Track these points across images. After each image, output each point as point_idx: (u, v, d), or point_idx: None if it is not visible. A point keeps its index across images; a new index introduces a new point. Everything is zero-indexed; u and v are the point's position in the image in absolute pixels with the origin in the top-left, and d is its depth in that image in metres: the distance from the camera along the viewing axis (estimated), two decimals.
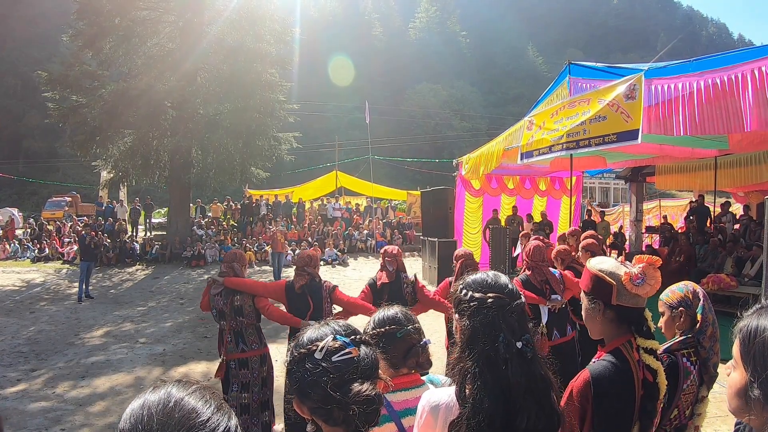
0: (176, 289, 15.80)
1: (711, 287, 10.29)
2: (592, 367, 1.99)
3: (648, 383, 1.97)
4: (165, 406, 0.98)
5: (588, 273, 2.13)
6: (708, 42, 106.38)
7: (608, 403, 1.90)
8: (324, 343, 1.39)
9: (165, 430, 0.94)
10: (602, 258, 2.18)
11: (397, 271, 5.47)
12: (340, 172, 31.94)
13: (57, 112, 19.68)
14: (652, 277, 1.97)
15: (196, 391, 1.03)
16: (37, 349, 9.51)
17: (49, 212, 30.67)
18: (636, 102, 8.05)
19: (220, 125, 20.61)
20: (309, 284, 4.98)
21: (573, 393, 1.94)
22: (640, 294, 1.97)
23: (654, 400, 2.00)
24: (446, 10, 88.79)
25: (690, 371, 2.68)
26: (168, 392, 1.01)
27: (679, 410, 2.66)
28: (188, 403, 0.99)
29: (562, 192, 17.22)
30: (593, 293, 2.09)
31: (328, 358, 1.37)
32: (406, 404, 2.09)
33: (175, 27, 21.22)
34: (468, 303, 1.72)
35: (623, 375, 1.94)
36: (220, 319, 5.08)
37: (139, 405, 0.99)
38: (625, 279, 1.97)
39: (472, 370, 1.63)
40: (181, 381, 1.05)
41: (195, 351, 9.21)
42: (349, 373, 1.36)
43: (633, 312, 2.02)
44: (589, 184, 32.27)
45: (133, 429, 0.96)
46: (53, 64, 23.55)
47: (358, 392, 1.32)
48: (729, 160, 13.69)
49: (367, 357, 1.41)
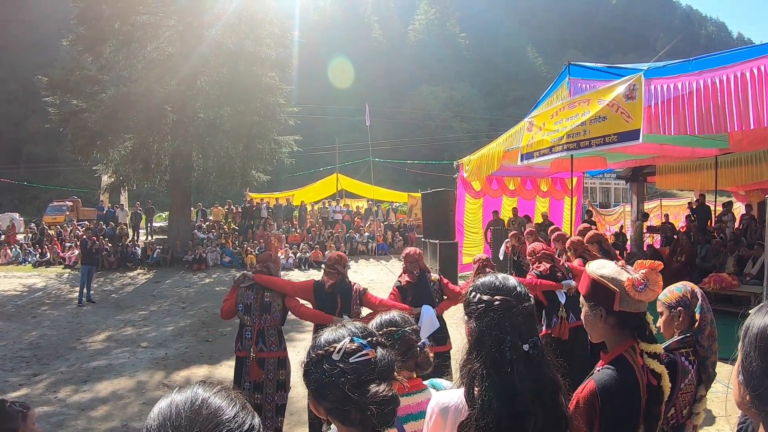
0: (178, 293, 15.79)
1: (713, 287, 10.26)
2: (598, 377, 1.96)
3: (652, 387, 1.96)
4: (192, 404, 1.01)
5: (588, 278, 2.10)
6: (707, 41, 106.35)
7: (615, 411, 1.88)
8: (341, 345, 1.40)
9: (193, 426, 0.97)
10: (602, 262, 2.14)
11: (421, 271, 5.57)
12: (340, 174, 32.00)
13: (57, 116, 19.71)
14: (654, 282, 1.96)
15: (221, 390, 1.07)
16: (39, 353, 9.51)
17: (50, 217, 30.69)
18: (636, 102, 8.05)
19: (220, 129, 20.65)
20: (339, 284, 4.99)
21: (580, 403, 1.92)
22: (643, 300, 1.96)
23: (658, 404, 2.00)
24: (445, 12, 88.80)
25: (688, 370, 2.69)
26: (195, 392, 1.05)
27: (676, 409, 2.66)
28: (214, 401, 1.03)
29: (563, 193, 17.23)
30: (594, 299, 2.06)
31: (345, 360, 1.38)
32: (407, 409, 2.11)
33: (174, 31, 21.25)
34: (476, 305, 1.73)
35: (629, 382, 1.92)
36: (246, 313, 5.05)
37: (166, 404, 1.03)
38: (628, 285, 1.95)
39: (480, 372, 1.64)
40: (205, 382, 1.09)
41: (197, 355, 9.21)
42: (367, 374, 1.37)
43: (635, 317, 2.00)
44: (590, 185, 32.25)
45: (161, 426, 0.99)
46: (54, 69, 23.56)
47: (375, 393, 1.34)
48: (729, 159, 13.67)
49: (383, 358, 1.43)
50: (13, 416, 2.44)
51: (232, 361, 8.59)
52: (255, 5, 21.26)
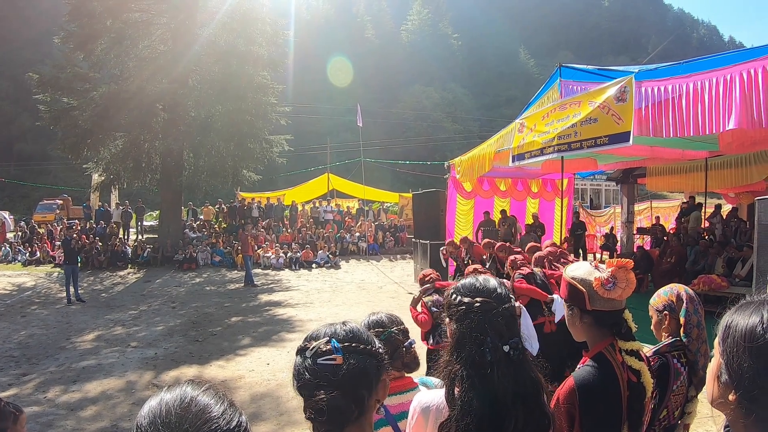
0: (168, 293, 15.74)
1: (702, 288, 10.33)
2: (577, 374, 1.99)
3: (633, 384, 1.98)
4: (182, 401, 1.02)
5: (564, 281, 2.16)
6: (699, 44, 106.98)
7: (595, 407, 1.90)
8: (317, 344, 1.39)
9: (183, 423, 0.99)
10: (577, 264, 2.19)
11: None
12: (332, 174, 31.96)
13: (48, 114, 19.65)
14: (623, 280, 1.98)
15: (209, 389, 1.08)
16: (28, 353, 9.46)
17: (40, 215, 30.53)
18: (627, 104, 8.10)
19: (211, 128, 20.62)
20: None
21: (560, 400, 1.95)
22: (613, 297, 1.98)
23: (641, 400, 2.01)
24: (438, 13, 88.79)
25: (680, 372, 2.70)
26: (183, 390, 1.06)
27: (668, 411, 2.67)
28: (203, 399, 1.04)
29: (554, 194, 17.26)
30: (569, 300, 2.11)
31: (314, 359, 1.37)
32: (401, 407, 2.12)
33: (167, 29, 21.21)
34: (457, 307, 1.73)
35: (607, 379, 1.95)
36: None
37: (156, 402, 1.04)
38: (596, 285, 1.99)
39: (460, 373, 1.65)
40: (194, 381, 1.10)
41: (186, 355, 9.18)
42: (322, 380, 1.34)
43: (610, 315, 2.03)
44: (580, 186, 32.36)
45: (151, 424, 1.00)
46: (45, 66, 23.43)
47: (317, 400, 1.32)
48: (719, 161, 13.76)
49: (351, 369, 1.37)
50: (5, 416, 2.43)
51: (221, 361, 8.65)
52: (248, 4, 21.24)
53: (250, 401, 6.82)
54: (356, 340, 1.44)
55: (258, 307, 13.43)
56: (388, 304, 13.46)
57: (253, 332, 10.73)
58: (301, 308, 13.13)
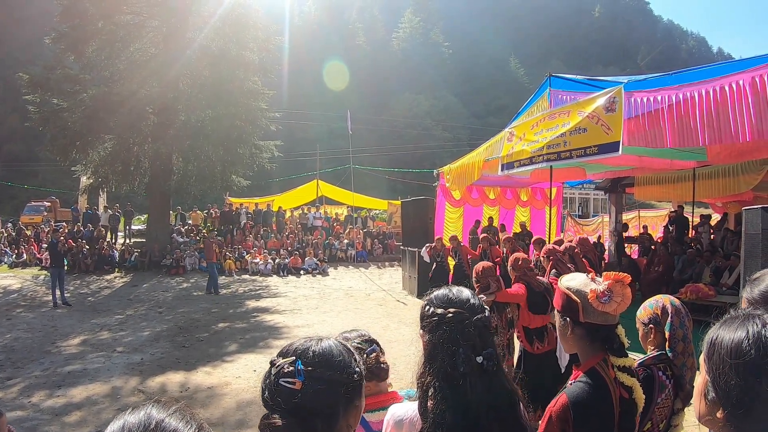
0: (155, 297, 15.65)
1: (689, 297, 10.37)
2: (570, 390, 1.96)
3: (624, 400, 1.96)
4: (146, 428, 0.93)
5: (558, 291, 2.13)
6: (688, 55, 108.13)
7: (588, 425, 1.88)
8: (283, 362, 1.32)
9: None
10: (573, 275, 2.17)
11: None
12: (321, 181, 31.92)
13: (37, 115, 19.52)
14: (619, 294, 1.94)
15: (176, 411, 0.99)
16: (13, 357, 9.36)
17: (27, 217, 30.26)
18: (616, 114, 8.13)
19: (201, 132, 20.58)
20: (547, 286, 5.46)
21: (552, 418, 1.92)
22: (608, 311, 1.95)
23: (632, 416, 1.99)
24: (429, 21, 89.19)
25: (666, 385, 2.69)
26: (148, 414, 0.97)
27: (652, 423, 2.67)
28: (170, 424, 0.95)
29: (543, 202, 17.31)
30: (562, 310, 2.08)
31: (276, 378, 1.30)
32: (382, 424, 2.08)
33: (158, 32, 21.18)
34: (429, 318, 1.73)
35: (601, 395, 1.92)
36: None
37: (118, 427, 0.95)
38: (591, 297, 1.95)
39: (433, 384, 1.65)
40: (160, 401, 1.01)
41: (173, 360, 9.11)
42: (276, 404, 1.28)
43: (603, 329, 1.99)
44: (569, 195, 32.52)
45: None
46: (36, 67, 23.29)
47: (267, 423, 1.28)
48: (707, 171, 13.83)
49: (309, 396, 1.27)
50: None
51: (208, 367, 8.59)
52: (240, 9, 21.23)
53: (236, 408, 6.78)
54: (324, 365, 1.33)
55: (245, 314, 13.36)
56: (376, 311, 13.44)
57: (240, 338, 10.68)
58: (288, 315, 13.08)
